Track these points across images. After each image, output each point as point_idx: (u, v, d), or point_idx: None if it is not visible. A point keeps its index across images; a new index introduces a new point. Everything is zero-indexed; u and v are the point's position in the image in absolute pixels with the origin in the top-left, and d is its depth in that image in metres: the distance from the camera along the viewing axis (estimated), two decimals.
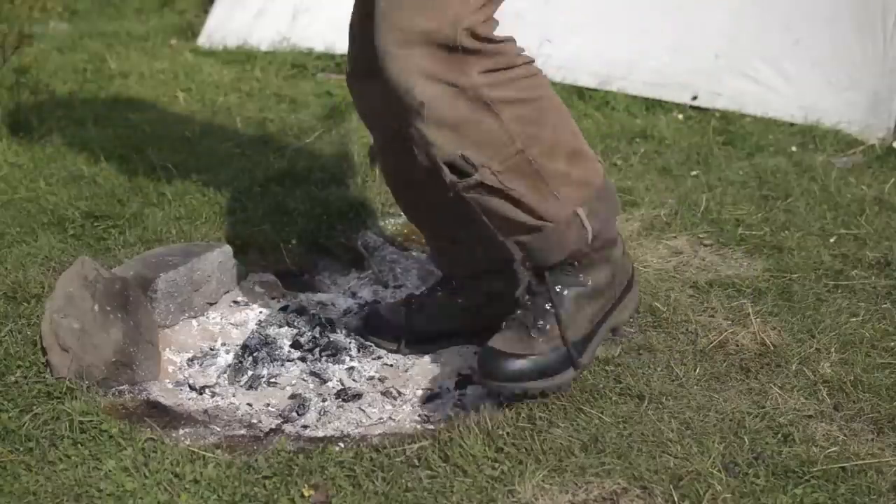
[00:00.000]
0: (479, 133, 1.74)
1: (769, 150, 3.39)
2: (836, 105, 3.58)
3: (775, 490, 1.69)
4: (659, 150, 3.39)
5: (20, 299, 2.22)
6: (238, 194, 2.91)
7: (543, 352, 1.86)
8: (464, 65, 1.71)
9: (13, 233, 2.59)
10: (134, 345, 2.02)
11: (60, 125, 3.44)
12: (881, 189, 3.02)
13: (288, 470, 1.74)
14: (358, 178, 3.04)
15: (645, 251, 2.58)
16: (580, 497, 1.68)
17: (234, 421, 1.97)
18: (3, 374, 1.98)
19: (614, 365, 2.04)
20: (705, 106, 3.77)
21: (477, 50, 1.71)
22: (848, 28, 3.60)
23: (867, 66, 3.56)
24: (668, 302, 2.29)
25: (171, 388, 2.06)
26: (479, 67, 1.72)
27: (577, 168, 1.83)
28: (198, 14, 5.32)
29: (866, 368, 2.05)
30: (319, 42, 4.41)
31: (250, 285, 2.43)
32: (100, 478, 1.72)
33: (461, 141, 1.74)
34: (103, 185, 2.93)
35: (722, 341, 2.14)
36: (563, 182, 1.81)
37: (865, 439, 1.84)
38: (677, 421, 1.87)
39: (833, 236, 2.68)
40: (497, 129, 1.74)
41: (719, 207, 2.85)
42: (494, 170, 1.75)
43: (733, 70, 3.76)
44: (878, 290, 2.39)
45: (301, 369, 2.15)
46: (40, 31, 4.55)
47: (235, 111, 3.72)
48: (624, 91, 3.85)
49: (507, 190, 1.77)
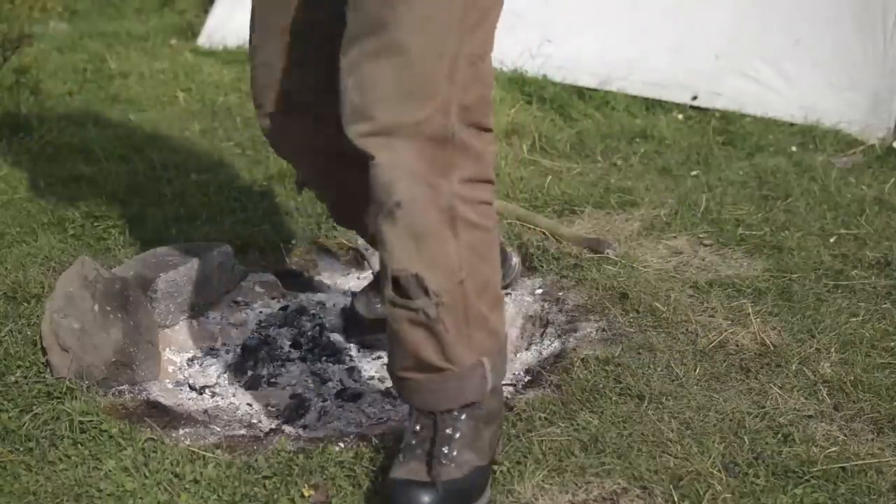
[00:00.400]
0: (436, 251, 1.54)
1: (769, 150, 3.39)
2: (837, 105, 3.58)
3: (775, 490, 1.69)
4: (659, 150, 3.39)
5: (20, 299, 2.22)
6: (238, 194, 2.91)
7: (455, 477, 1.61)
8: (449, 165, 1.52)
9: (13, 233, 2.59)
10: (134, 345, 2.02)
11: (60, 125, 3.44)
12: (881, 189, 3.02)
13: (288, 470, 1.74)
14: None
15: (645, 251, 2.58)
16: (580, 497, 1.68)
17: (234, 421, 1.97)
18: (3, 374, 1.98)
19: (614, 365, 2.04)
20: (705, 106, 3.78)
21: (467, 146, 1.53)
22: (848, 28, 3.60)
23: (867, 67, 3.56)
24: (668, 302, 2.29)
25: (171, 388, 2.06)
26: (462, 173, 1.53)
27: (494, 315, 1.65)
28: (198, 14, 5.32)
29: (866, 368, 2.05)
30: None
31: (250, 285, 2.43)
32: (100, 478, 1.72)
33: (419, 256, 1.53)
34: (103, 185, 2.93)
35: (722, 341, 2.14)
36: (480, 326, 1.61)
37: (865, 439, 1.84)
38: (677, 421, 1.87)
39: (833, 236, 2.68)
40: (452, 253, 1.55)
41: (719, 207, 2.85)
42: (440, 301, 1.54)
43: (733, 70, 3.77)
44: (878, 290, 2.39)
45: (301, 369, 2.15)
46: (40, 31, 4.55)
47: (235, 111, 3.72)
48: (624, 91, 3.85)
49: (437, 324, 1.55)
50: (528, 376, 2.08)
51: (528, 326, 2.32)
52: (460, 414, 1.63)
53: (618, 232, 2.69)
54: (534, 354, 2.19)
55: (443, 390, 1.62)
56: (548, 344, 2.21)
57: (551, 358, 2.13)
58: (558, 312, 2.30)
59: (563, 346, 2.16)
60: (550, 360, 2.11)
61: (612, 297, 2.32)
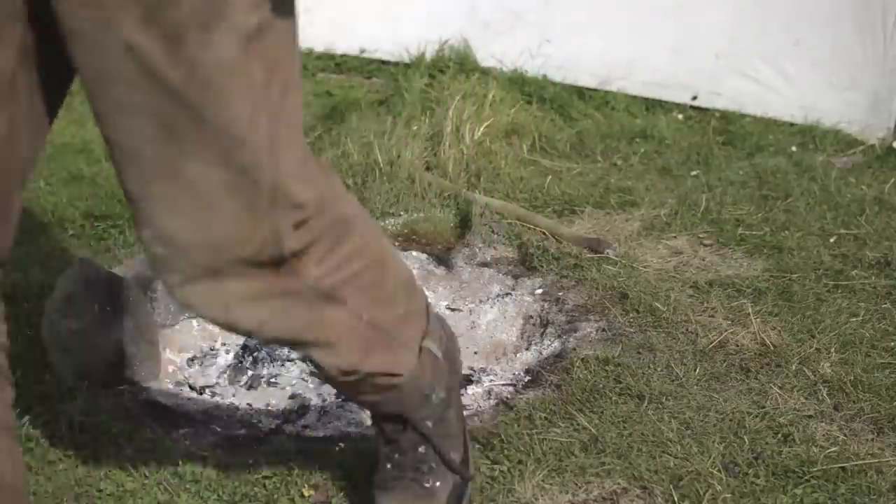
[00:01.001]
0: (324, 330, 1.44)
1: (769, 150, 3.39)
2: (836, 105, 3.58)
3: (775, 490, 1.69)
4: (659, 150, 3.39)
5: (20, 299, 2.22)
6: None
7: (444, 491, 1.62)
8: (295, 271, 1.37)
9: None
10: (134, 345, 2.02)
11: (60, 125, 3.43)
12: (881, 189, 3.02)
13: (288, 470, 1.74)
14: (358, 178, 3.04)
15: (645, 251, 2.58)
16: (580, 497, 1.68)
17: (234, 421, 1.97)
18: None
19: (614, 365, 2.04)
20: (705, 106, 3.78)
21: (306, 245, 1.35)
22: (848, 28, 3.60)
23: (867, 66, 3.56)
24: (668, 302, 2.29)
25: (171, 388, 2.06)
26: (313, 261, 1.38)
27: (413, 299, 1.59)
28: None
29: (866, 368, 2.05)
30: (319, 42, 4.41)
31: None
32: (100, 478, 1.72)
33: (306, 347, 1.46)
34: (103, 185, 2.93)
35: (722, 341, 2.14)
36: (404, 323, 1.56)
37: (865, 439, 1.84)
38: (677, 421, 1.86)
39: (833, 236, 2.68)
40: (345, 317, 1.45)
41: (719, 207, 2.85)
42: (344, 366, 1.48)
43: (733, 70, 3.76)
44: (878, 290, 2.39)
45: (301, 369, 2.15)
46: None
47: None
48: (624, 91, 3.85)
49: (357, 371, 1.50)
50: (528, 376, 2.08)
51: (528, 326, 2.32)
52: (425, 420, 1.60)
53: (618, 232, 2.69)
54: (534, 354, 2.19)
55: (403, 395, 1.58)
56: (548, 344, 2.21)
57: (551, 358, 2.13)
58: (558, 312, 2.30)
59: (563, 346, 2.16)
60: (550, 360, 2.11)
61: (612, 297, 2.32)
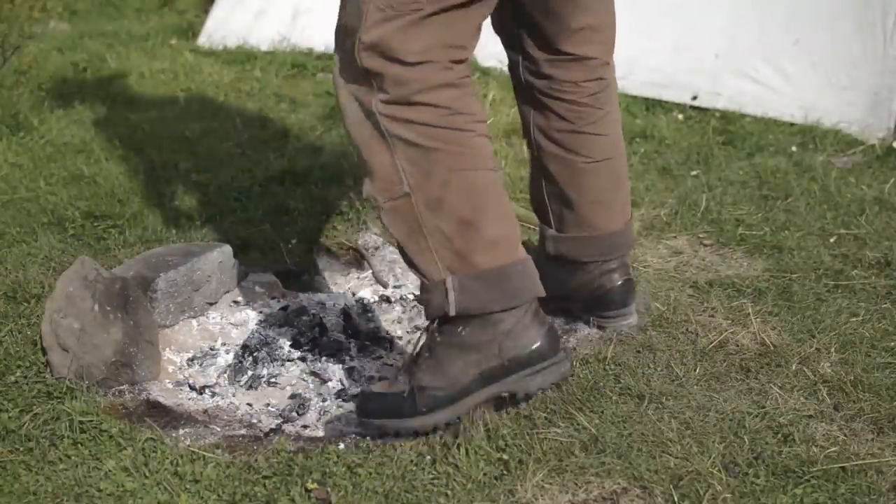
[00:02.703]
0: (374, 161, 1.73)
1: (769, 150, 3.39)
2: (836, 105, 3.58)
3: (775, 490, 1.69)
4: (659, 150, 3.39)
5: (20, 299, 2.22)
6: (238, 194, 2.91)
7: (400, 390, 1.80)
8: (368, 86, 1.70)
9: (13, 233, 2.59)
10: (134, 345, 2.02)
11: (60, 125, 3.44)
12: (881, 189, 3.02)
13: (288, 470, 1.74)
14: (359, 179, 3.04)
15: (645, 251, 2.58)
16: (580, 497, 1.68)
17: (234, 421, 1.97)
18: (3, 374, 1.98)
19: (614, 365, 2.04)
20: (705, 106, 3.78)
21: (378, 73, 1.68)
22: (848, 28, 3.60)
23: (867, 66, 3.56)
24: (668, 302, 2.29)
25: (171, 388, 2.06)
26: (380, 95, 1.70)
27: (460, 239, 1.73)
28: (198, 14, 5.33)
29: (866, 368, 2.05)
30: (319, 42, 4.42)
31: (250, 285, 2.43)
32: (100, 478, 1.72)
33: (362, 162, 1.75)
34: (103, 185, 2.93)
35: (722, 341, 2.14)
36: (441, 244, 1.73)
37: (865, 439, 1.84)
38: (677, 421, 1.87)
39: (833, 236, 2.68)
40: (389, 165, 1.72)
41: (719, 207, 2.85)
42: (379, 204, 1.75)
43: (733, 70, 3.77)
44: (878, 290, 2.39)
45: (301, 369, 2.15)
46: (40, 31, 4.56)
47: (235, 111, 3.72)
48: (624, 91, 3.84)
49: (389, 228, 1.77)
50: None
51: None
52: (436, 332, 1.78)
53: None
54: None
55: (423, 300, 1.78)
56: None
57: None
58: None
59: None
60: None
61: None
